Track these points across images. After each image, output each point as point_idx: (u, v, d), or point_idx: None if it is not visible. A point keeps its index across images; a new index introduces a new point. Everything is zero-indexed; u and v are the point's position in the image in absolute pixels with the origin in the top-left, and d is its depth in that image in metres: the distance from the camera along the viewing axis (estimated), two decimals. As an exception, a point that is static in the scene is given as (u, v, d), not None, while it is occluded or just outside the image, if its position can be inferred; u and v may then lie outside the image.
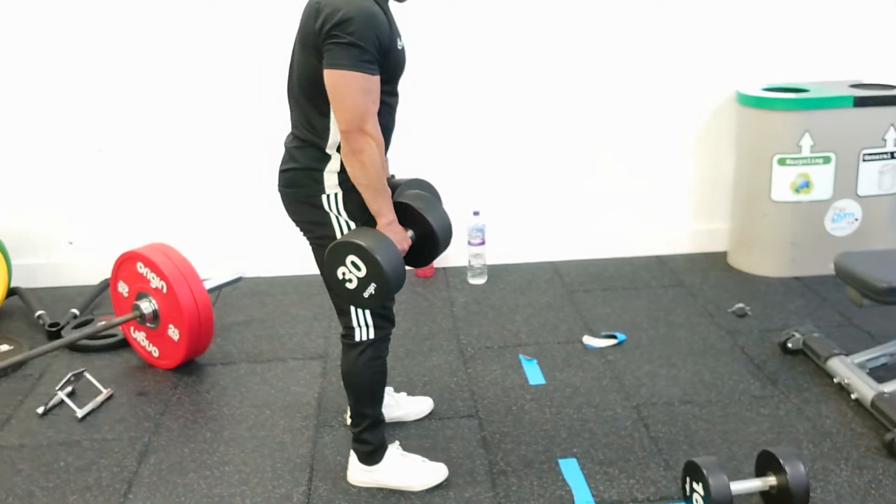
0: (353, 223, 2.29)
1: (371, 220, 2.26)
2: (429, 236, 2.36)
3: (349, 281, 2.18)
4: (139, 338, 3.37)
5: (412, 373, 3.22)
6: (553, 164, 4.22)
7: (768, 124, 3.91)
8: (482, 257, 4.10)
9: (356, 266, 2.16)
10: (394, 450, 2.56)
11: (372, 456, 2.50)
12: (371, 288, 2.17)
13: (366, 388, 2.45)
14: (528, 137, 4.17)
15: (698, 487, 2.32)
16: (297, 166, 2.29)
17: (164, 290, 3.18)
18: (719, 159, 4.26)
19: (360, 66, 2.08)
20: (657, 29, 4.06)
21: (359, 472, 2.53)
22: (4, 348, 3.51)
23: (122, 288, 3.36)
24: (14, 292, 3.94)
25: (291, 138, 2.34)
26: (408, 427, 2.84)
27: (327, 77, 2.11)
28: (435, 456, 2.64)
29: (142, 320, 3.26)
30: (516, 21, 3.99)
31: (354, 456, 2.53)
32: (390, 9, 2.25)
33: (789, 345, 3.25)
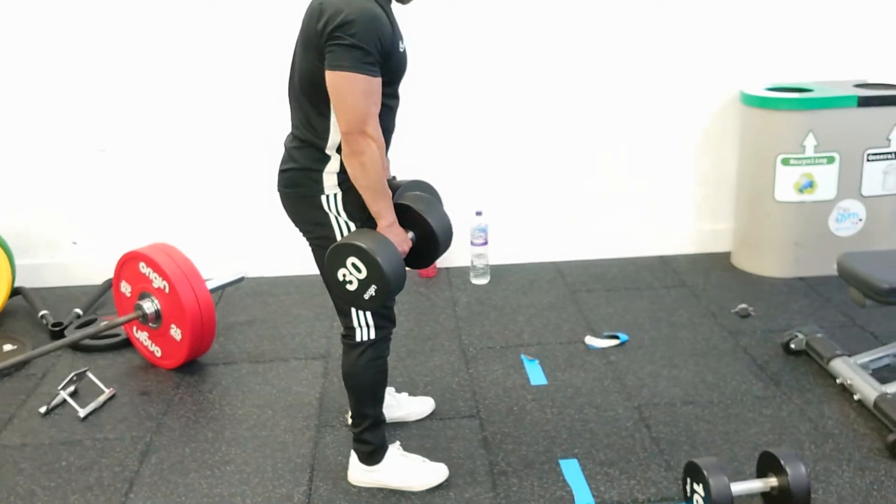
0: (353, 223, 2.29)
1: (370, 220, 2.26)
2: (429, 238, 2.35)
3: (349, 283, 2.18)
4: (142, 338, 3.38)
5: (414, 373, 3.22)
6: (556, 165, 4.22)
7: (772, 124, 3.89)
8: (485, 257, 4.10)
9: (357, 268, 2.16)
10: (394, 450, 2.56)
11: (372, 456, 2.51)
12: (371, 290, 2.17)
13: (367, 389, 2.45)
14: (531, 138, 4.16)
15: (699, 488, 2.32)
16: (297, 166, 2.29)
17: (167, 290, 3.19)
18: (723, 159, 4.25)
19: (361, 67, 2.08)
20: (660, 29, 4.05)
21: (359, 473, 2.54)
22: (8, 348, 3.52)
23: (125, 288, 3.37)
24: (18, 292, 3.95)
25: (291, 138, 2.34)
26: (409, 427, 2.84)
27: (329, 78, 2.11)
28: (436, 456, 2.64)
29: (144, 320, 3.27)
30: (518, 21, 3.99)
31: (355, 456, 2.54)
32: (392, 11, 2.25)
33: (792, 345, 3.24)
